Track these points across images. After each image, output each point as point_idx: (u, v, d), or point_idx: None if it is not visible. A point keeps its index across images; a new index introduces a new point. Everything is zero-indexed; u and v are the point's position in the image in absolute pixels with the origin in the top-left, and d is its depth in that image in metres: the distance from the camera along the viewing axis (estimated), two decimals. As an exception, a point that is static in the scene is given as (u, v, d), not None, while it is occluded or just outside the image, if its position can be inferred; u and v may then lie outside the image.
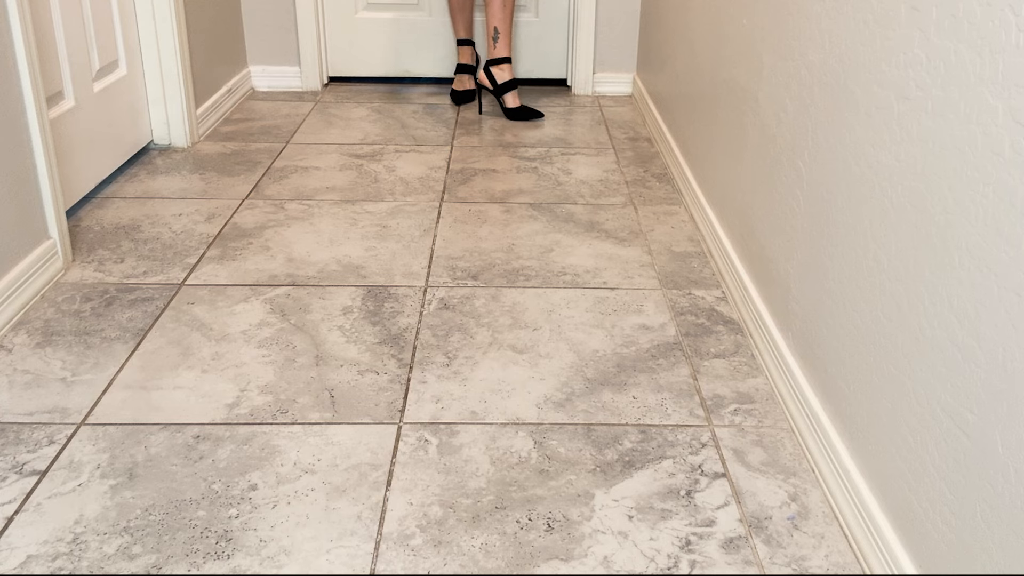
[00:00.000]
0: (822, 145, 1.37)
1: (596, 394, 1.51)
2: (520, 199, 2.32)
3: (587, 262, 1.98)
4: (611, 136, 2.84)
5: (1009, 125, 0.88)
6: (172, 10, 2.50)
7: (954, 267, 0.98)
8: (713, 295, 1.85)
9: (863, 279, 1.21)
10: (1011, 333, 0.87)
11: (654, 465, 1.35)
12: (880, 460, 1.15)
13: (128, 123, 2.48)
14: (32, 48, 1.74)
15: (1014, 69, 0.87)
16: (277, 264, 1.95)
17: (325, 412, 1.45)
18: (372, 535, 1.20)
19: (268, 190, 2.35)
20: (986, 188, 0.92)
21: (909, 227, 1.08)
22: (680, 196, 2.35)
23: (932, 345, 1.02)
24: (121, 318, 1.72)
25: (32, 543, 1.18)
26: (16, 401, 1.46)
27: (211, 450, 1.36)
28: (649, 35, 3.01)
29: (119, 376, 1.54)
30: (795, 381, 1.44)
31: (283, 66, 3.27)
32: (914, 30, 1.08)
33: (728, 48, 1.94)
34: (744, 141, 1.79)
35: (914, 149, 1.08)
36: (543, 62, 3.34)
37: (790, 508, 1.27)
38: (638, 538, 1.21)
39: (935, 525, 1.01)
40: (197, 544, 1.18)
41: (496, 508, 1.25)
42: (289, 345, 1.64)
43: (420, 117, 2.98)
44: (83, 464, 1.32)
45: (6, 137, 1.70)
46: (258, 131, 2.83)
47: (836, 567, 1.17)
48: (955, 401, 0.97)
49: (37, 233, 1.82)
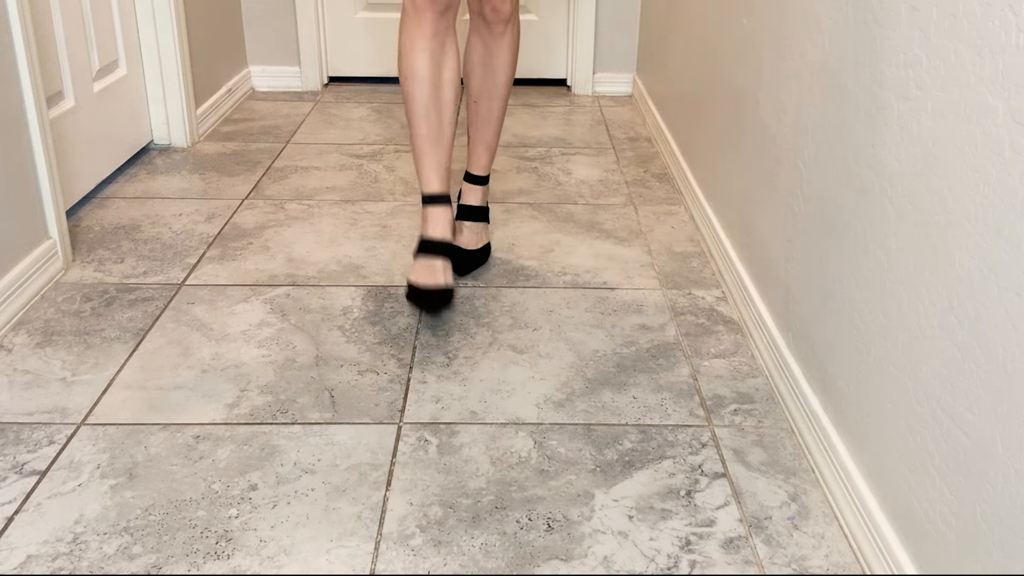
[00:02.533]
0: (822, 145, 1.37)
1: (596, 394, 1.51)
2: (520, 199, 2.32)
3: (587, 262, 1.98)
4: (611, 136, 2.84)
5: (1009, 125, 0.88)
6: (172, 10, 2.50)
7: (954, 267, 0.98)
8: (713, 295, 1.85)
9: (863, 279, 1.21)
10: (1011, 333, 0.87)
11: (654, 465, 1.35)
12: (880, 460, 1.15)
13: (128, 123, 2.48)
14: (32, 48, 1.74)
15: (1014, 69, 0.87)
16: (277, 264, 1.95)
17: (325, 412, 1.45)
18: (372, 535, 1.20)
19: (268, 190, 2.35)
20: (986, 188, 0.92)
21: (909, 227, 1.08)
22: (680, 196, 2.35)
23: (932, 345, 1.02)
24: (121, 318, 1.72)
25: (32, 543, 1.18)
26: (16, 401, 1.46)
27: (211, 450, 1.36)
28: (649, 35, 3.01)
29: (119, 376, 1.54)
30: (795, 381, 1.44)
31: (283, 66, 3.27)
32: (914, 30, 1.08)
33: (728, 48, 1.94)
34: (744, 141, 1.79)
35: (914, 149, 1.08)
36: (543, 62, 3.34)
37: (790, 508, 1.27)
38: (638, 538, 1.21)
39: (935, 525, 1.01)
40: (197, 544, 1.18)
41: (496, 508, 1.25)
42: (289, 345, 1.64)
43: (420, 117, 2.98)
44: (83, 464, 1.32)
45: (6, 137, 1.70)
46: (258, 131, 2.83)
47: (836, 567, 1.17)
48: (955, 401, 0.97)
49: (37, 233, 1.82)
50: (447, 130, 1.74)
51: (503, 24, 1.78)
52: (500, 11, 1.77)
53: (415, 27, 1.68)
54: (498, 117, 1.88)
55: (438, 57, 1.70)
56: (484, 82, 1.84)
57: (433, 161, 1.73)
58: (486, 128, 1.88)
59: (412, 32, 1.69)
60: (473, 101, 1.88)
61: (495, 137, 1.90)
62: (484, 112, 1.87)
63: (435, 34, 1.68)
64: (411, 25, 1.68)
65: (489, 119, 1.87)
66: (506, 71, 1.84)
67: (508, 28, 1.79)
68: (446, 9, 1.67)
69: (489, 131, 1.89)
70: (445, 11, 1.67)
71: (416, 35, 1.68)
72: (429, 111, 1.71)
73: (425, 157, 1.73)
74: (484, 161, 1.91)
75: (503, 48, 1.81)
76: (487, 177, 1.93)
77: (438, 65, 1.70)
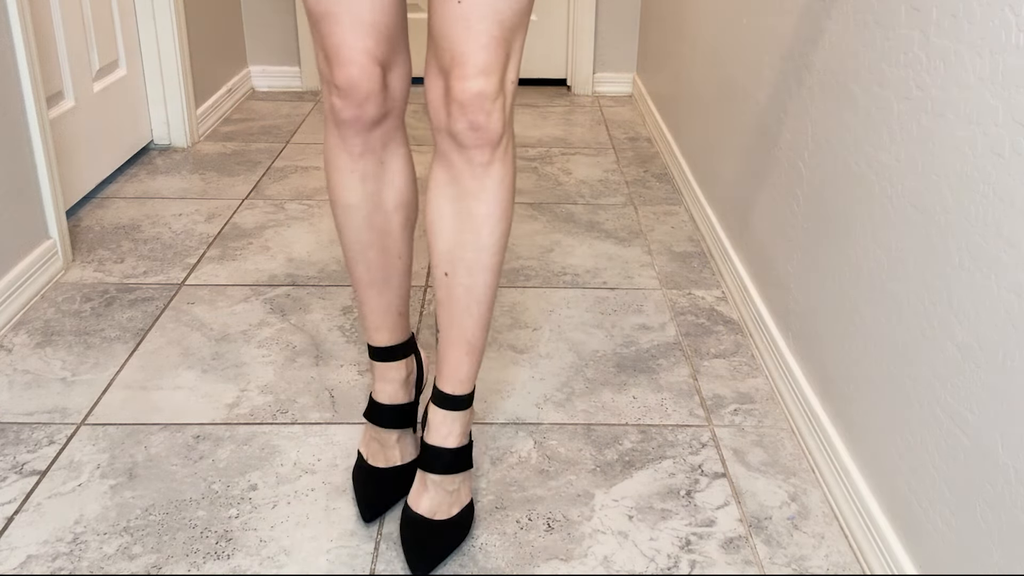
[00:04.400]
0: (822, 145, 1.37)
1: (596, 394, 1.51)
2: (520, 199, 2.32)
3: (587, 262, 1.98)
4: (611, 136, 2.84)
5: (1009, 125, 0.88)
6: (172, 10, 2.50)
7: (954, 267, 0.98)
8: (713, 295, 1.85)
9: (863, 279, 1.21)
10: (1011, 333, 0.87)
11: (654, 465, 1.35)
12: (880, 460, 1.15)
13: (128, 123, 2.48)
14: (32, 48, 1.74)
15: (1014, 69, 0.87)
16: (277, 264, 1.95)
17: (325, 412, 1.45)
18: (372, 535, 1.20)
19: (268, 190, 2.35)
20: (986, 188, 0.92)
21: (909, 227, 1.08)
22: (680, 196, 2.35)
23: (932, 345, 1.02)
24: (121, 318, 1.72)
25: (32, 543, 1.18)
26: (16, 401, 1.46)
27: (211, 450, 1.36)
28: (649, 35, 3.01)
29: (119, 376, 1.53)
30: (795, 381, 1.44)
31: (283, 66, 3.27)
32: (914, 30, 1.08)
33: (728, 48, 1.94)
34: (744, 141, 1.79)
35: (914, 149, 1.08)
36: (543, 62, 3.34)
37: (790, 508, 1.27)
38: (638, 538, 1.21)
39: (935, 525, 1.01)
40: (197, 544, 1.18)
41: (496, 508, 1.25)
42: (289, 345, 1.64)
43: (420, 117, 2.98)
44: (83, 464, 1.32)
45: (6, 137, 1.70)
46: (258, 131, 2.83)
47: (836, 567, 1.17)
48: (955, 401, 0.97)
49: (37, 233, 1.82)
50: (396, 264, 1.21)
51: (488, 149, 1.05)
52: (483, 128, 1.03)
53: (337, 143, 1.13)
54: (484, 301, 1.13)
55: (374, 179, 1.15)
56: (459, 246, 1.10)
57: (379, 307, 1.22)
58: (464, 317, 1.13)
59: (335, 148, 1.14)
60: (443, 273, 1.12)
61: (482, 332, 1.15)
62: (461, 295, 1.12)
63: (366, 151, 1.13)
64: (333, 138, 1.13)
65: (470, 305, 1.12)
66: (493, 228, 1.09)
67: (497, 157, 1.06)
68: (380, 119, 1.11)
69: (471, 322, 1.13)
70: (379, 122, 1.11)
71: (340, 152, 1.13)
72: (367, 250, 1.18)
73: (367, 302, 1.22)
74: (466, 370, 1.16)
75: (488, 190, 1.07)
76: (470, 397, 1.17)
77: (374, 190, 1.15)
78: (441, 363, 1.16)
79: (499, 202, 1.08)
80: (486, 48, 0.99)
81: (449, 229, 1.10)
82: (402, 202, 1.18)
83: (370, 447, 1.26)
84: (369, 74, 1.06)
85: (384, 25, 1.06)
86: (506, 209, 1.10)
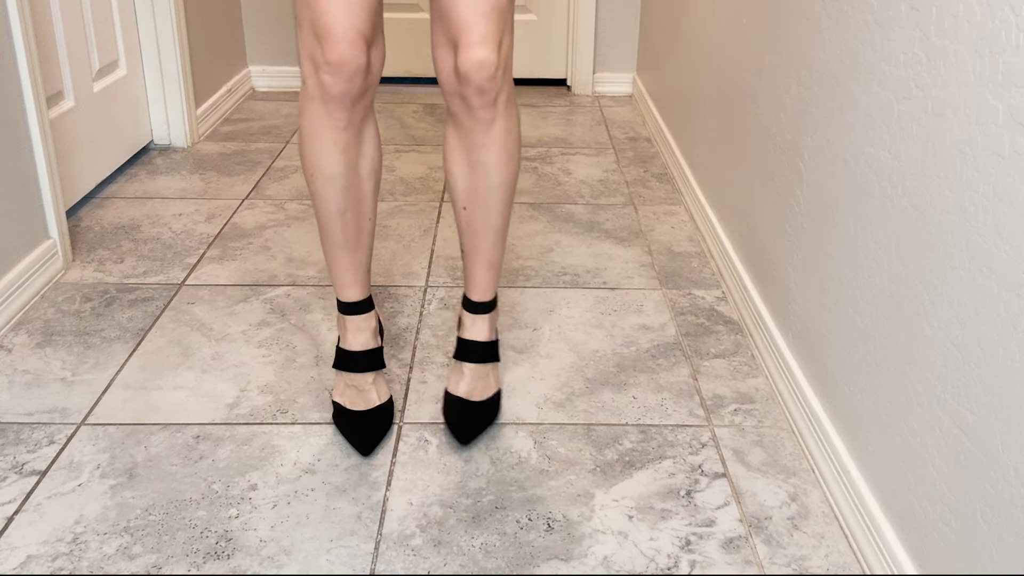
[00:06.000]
0: (822, 145, 1.37)
1: (596, 394, 1.51)
2: (520, 199, 2.32)
3: (587, 262, 1.98)
4: (611, 136, 2.84)
5: (1009, 125, 0.88)
6: (172, 10, 2.50)
7: (954, 267, 0.98)
8: (713, 295, 1.85)
9: (863, 279, 1.21)
10: (1011, 333, 0.87)
11: (654, 465, 1.35)
12: (880, 460, 1.15)
13: (128, 123, 2.48)
14: (32, 48, 1.74)
15: (1014, 69, 0.87)
16: (277, 264, 1.95)
17: (325, 412, 1.45)
18: (372, 535, 1.20)
19: (268, 190, 2.35)
20: (986, 188, 0.92)
21: (909, 227, 1.08)
22: (680, 196, 2.35)
23: (932, 345, 1.02)
24: (121, 318, 1.72)
25: (32, 543, 1.18)
26: (16, 401, 1.46)
27: (211, 450, 1.36)
28: (649, 35, 3.01)
29: (119, 376, 1.53)
30: (795, 381, 1.44)
31: (283, 66, 3.27)
32: (914, 30, 1.08)
33: (728, 48, 1.94)
34: (744, 141, 1.79)
35: (914, 149, 1.08)
36: (543, 62, 3.34)
37: (790, 508, 1.27)
38: (638, 538, 1.21)
39: (935, 525, 1.01)
40: (197, 544, 1.18)
41: (496, 508, 1.25)
42: (289, 345, 1.64)
43: (420, 117, 2.98)
44: (83, 464, 1.32)
45: (6, 137, 1.70)
46: (258, 131, 2.83)
47: (836, 567, 1.17)
48: (955, 401, 0.97)
49: (37, 233, 1.82)
50: (367, 226, 1.37)
51: (490, 108, 1.26)
52: (485, 89, 1.23)
53: (322, 118, 1.25)
54: (497, 227, 1.38)
55: (353, 150, 1.29)
56: (473, 187, 1.35)
57: (351, 264, 1.37)
58: (483, 241, 1.39)
59: (319, 122, 1.25)
60: (462, 208, 1.38)
61: (498, 251, 1.41)
62: (479, 223, 1.37)
63: (349, 124, 1.26)
64: (317, 114, 1.25)
65: (486, 230, 1.38)
66: (502, 171, 1.32)
67: (499, 113, 1.27)
68: (363, 93, 1.24)
69: (487, 244, 1.39)
70: (362, 96, 1.25)
71: (324, 127, 1.25)
72: (345, 213, 1.32)
73: (340, 261, 1.37)
74: (487, 282, 1.42)
75: (493, 143, 1.30)
76: (494, 301, 1.44)
77: (353, 160, 1.30)
78: (468, 278, 1.43)
79: (504, 150, 1.31)
80: (487, 17, 1.19)
81: (463, 178, 1.35)
82: (373, 168, 1.34)
83: (347, 394, 1.41)
84: (359, 50, 1.20)
85: (370, 2, 1.19)
86: (512, 153, 1.32)
